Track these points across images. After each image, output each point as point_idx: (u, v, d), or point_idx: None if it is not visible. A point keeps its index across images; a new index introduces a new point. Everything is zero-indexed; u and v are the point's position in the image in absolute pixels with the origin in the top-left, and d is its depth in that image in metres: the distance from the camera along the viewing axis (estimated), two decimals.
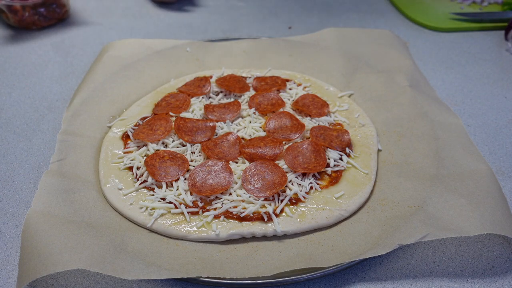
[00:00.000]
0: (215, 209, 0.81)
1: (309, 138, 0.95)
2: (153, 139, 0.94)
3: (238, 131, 0.98)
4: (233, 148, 0.93)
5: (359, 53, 1.22)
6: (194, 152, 0.93)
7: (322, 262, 0.72)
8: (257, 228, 0.78)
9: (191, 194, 0.83)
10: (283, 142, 0.93)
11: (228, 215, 0.80)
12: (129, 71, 1.16)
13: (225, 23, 1.51)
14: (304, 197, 0.83)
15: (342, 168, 0.89)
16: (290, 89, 1.12)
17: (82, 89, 1.08)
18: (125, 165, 0.90)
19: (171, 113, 1.02)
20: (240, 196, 0.82)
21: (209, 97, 1.10)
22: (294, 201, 0.82)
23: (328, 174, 0.88)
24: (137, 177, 0.88)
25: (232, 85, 1.11)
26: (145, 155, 0.92)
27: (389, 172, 0.90)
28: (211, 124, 0.98)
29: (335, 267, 0.72)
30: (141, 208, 0.81)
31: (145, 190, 0.85)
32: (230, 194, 0.83)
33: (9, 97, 1.16)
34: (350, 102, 1.08)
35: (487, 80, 1.21)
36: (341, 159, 0.91)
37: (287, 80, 1.16)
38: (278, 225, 0.78)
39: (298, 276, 0.71)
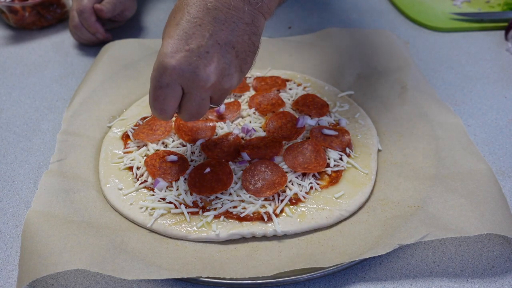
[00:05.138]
0: (215, 209, 0.81)
1: (309, 138, 0.95)
2: (153, 139, 0.94)
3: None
4: (233, 148, 0.93)
5: (359, 53, 1.22)
6: (194, 152, 0.93)
7: (322, 262, 0.72)
8: (257, 228, 0.78)
9: (191, 194, 0.83)
10: (283, 142, 0.93)
11: (228, 215, 0.80)
12: (129, 71, 1.16)
13: None
14: (304, 197, 0.83)
15: (342, 168, 0.89)
16: (290, 89, 1.12)
17: (82, 89, 1.08)
18: (125, 165, 0.90)
19: None
20: (240, 196, 0.82)
21: None
22: (294, 201, 0.82)
23: (328, 174, 0.88)
24: (137, 177, 0.88)
25: None
26: (145, 155, 0.92)
27: (389, 172, 0.90)
28: (211, 124, 0.98)
29: (335, 267, 0.72)
30: (141, 208, 0.81)
31: (145, 190, 0.85)
32: (230, 194, 0.83)
33: (9, 97, 1.16)
34: (350, 102, 1.08)
35: (487, 80, 1.21)
36: (341, 159, 0.91)
37: (287, 80, 1.15)
38: (278, 225, 0.78)
39: (298, 276, 0.71)
